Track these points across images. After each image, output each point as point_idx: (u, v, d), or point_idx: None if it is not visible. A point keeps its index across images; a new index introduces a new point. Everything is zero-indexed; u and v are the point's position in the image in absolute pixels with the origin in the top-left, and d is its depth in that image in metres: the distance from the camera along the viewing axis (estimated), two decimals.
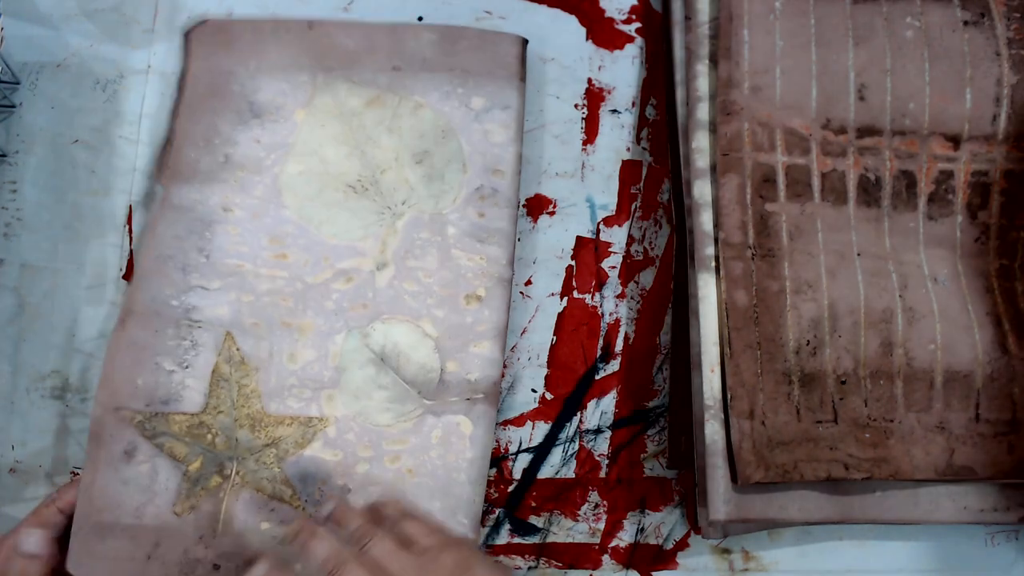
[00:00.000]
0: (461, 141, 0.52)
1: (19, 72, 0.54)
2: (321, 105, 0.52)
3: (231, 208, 0.50)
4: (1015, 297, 0.50)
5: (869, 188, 0.51)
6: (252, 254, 0.50)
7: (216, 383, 0.48)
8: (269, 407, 0.48)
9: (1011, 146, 0.51)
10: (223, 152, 0.51)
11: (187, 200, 0.50)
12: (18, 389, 0.50)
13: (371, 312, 0.50)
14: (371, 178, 0.51)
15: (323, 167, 0.51)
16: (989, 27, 0.52)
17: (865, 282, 0.49)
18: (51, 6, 0.55)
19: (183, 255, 0.49)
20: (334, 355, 0.49)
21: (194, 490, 0.46)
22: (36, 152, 0.53)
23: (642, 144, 0.55)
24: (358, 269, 0.50)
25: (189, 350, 0.48)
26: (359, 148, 0.52)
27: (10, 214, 0.52)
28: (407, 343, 0.49)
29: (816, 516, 0.47)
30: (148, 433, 0.47)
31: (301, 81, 0.52)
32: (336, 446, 0.48)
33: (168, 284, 0.49)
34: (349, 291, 0.50)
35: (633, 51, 0.57)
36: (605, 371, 0.52)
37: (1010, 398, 0.48)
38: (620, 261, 0.53)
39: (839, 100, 0.51)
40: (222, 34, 0.53)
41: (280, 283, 0.49)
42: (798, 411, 0.47)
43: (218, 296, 0.49)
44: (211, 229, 0.50)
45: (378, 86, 0.52)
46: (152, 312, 0.48)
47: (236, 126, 0.51)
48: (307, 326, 0.49)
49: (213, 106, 0.52)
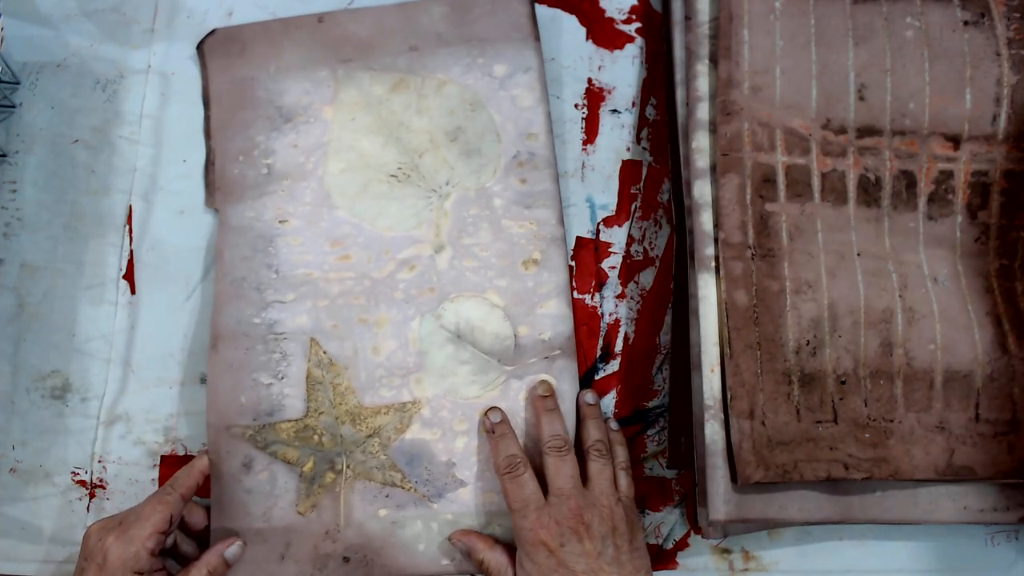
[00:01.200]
0: (491, 111, 0.53)
1: (19, 72, 0.54)
2: (347, 98, 0.53)
3: (287, 219, 0.52)
4: (1015, 297, 0.50)
5: (869, 188, 0.51)
6: (317, 261, 0.51)
7: (312, 387, 0.50)
8: (364, 400, 0.50)
9: (1011, 146, 0.51)
10: (264, 163, 0.52)
11: (244, 219, 0.52)
12: (18, 389, 0.50)
13: (438, 294, 0.51)
14: (411, 164, 0.52)
15: (363, 161, 0.52)
16: (989, 27, 0.52)
17: (865, 282, 0.49)
18: (51, 6, 0.55)
19: (255, 274, 0.51)
20: (413, 341, 0.51)
21: (312, 488, 0.49)
22: (36, 152, 0.53)
23: (642, 144, 0.55)
24: (418, 256, 0.52)
25: (280, 362, 0.50)
26: (393, 135, 0.53)
27: (10, 214, 0.52)
28: (478, 317, 0.51)
29: (816, 516, 0.47)
30: (260, 444, 0.49)
31: (322, 77, 0.53)
32: (433, 425, 0.50)
33: (247, 304, 0.51)
34: (414, 278, 0.51)
35: (633, 51, 0.57)
36: (605, 371, 0.52)
37: (1010, 398, 0.48)
38: (620, 261, 0.53)
39: (839, 100, 0.51)
40: (234, 42, 0.54)
41: (349, 283, 0.51)
42: (798, 411, 0.47)
43: (295, 307, 0.51)
44: (273, 244, 0.52)
45: (399, 69, 0.53)
46: (239, 333, 0.50)
47: (270, 133, 0.53)
48: (383, 319, 0.51)
49: (243, 118, 0.53)
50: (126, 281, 0.51)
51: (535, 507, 0.45)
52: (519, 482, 0.46)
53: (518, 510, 0.45)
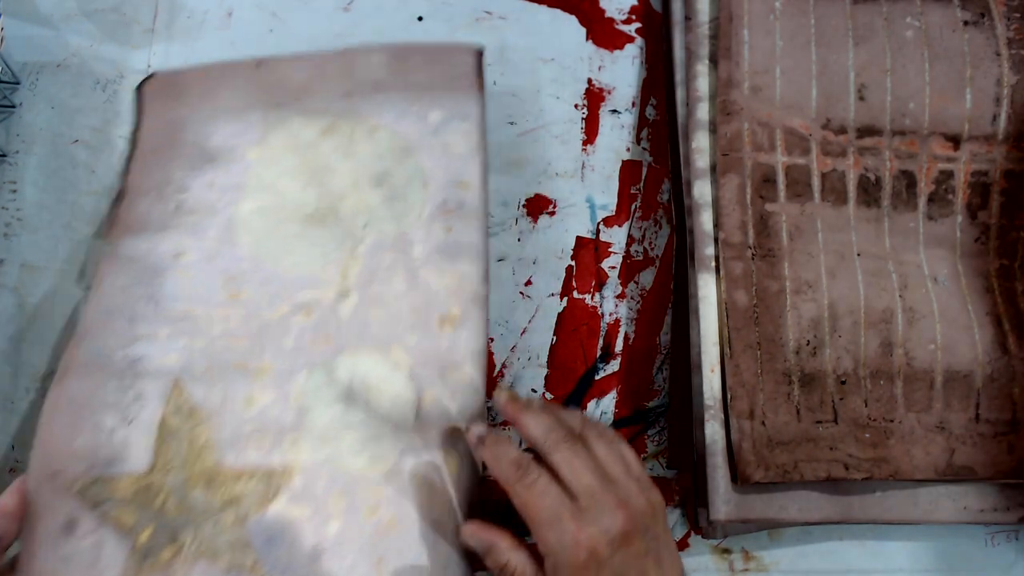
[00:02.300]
0: (421, 157, 0.49)
1: (19, 72, 0.54)
2: (275, 141, 0.50)
3: (183, 253, 0.47)
4: (1015, 297, 0.50)
5: (869, 188, 0.51)
6: (205, 296, 0.46)
7: (164, 437, 0.42)
8: (225, 460, 0.42)
9: (1011, 146, 0.51)
10: (175, 200, 0.48)
11: (136, 251, 0.46)
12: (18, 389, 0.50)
13: (335, 346, 0.45)
14: (329, 206, 0.48)
15: (279, 201, 0.48)
16: (989, 27, 0.52)
17: (865, 282, 0.49)
18: (51, 6, 0.55)
19: (130, 306, 0.45)
20: (296, 396, 0.44)
21: (143, 565, 0.40)
22: (36, 152, 0.53)
23: (642, 144, 0.55)
24: (319, 300, 0.46)
25: (133, 403, 0.43)
26: (316, 177, 0.49)
27: (10, 214, 0.52)
28: (377, 375, 0.44)
29: (816, 516, 0.47)
30: (90, 501, 0.41)
31: (253, 120, 0.50)
32: (304, 500, 0.42)
33: (112, 336, 0.44)
34: (310, 325, 0.45)
35: (633, 51, 0.57)
36: (605, 371, 0.52)
37: (1010, 398, 0.48)
38: (620, 261, 0.53)
39: (839, 100, 0.51)
40: (173, 85, 0.52)
41: (234, 323, 0.45)
42: (798, 411, 0.47)
43: (167, 344, 0.44)
44: (161, 276, 0.46)
45: (331, 114, 0.50)
46: (94, 367, 0.43)
47: (188, 172, 0.49)
48: (265, 367, 0.44)
49: (166, 156, 0.49)
50: None
51: (570, 514, 0.37)
52: (538, 489, 0.38)
53: (548, 521, 0.37)
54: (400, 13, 0.56)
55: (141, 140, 0.51)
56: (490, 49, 0.56)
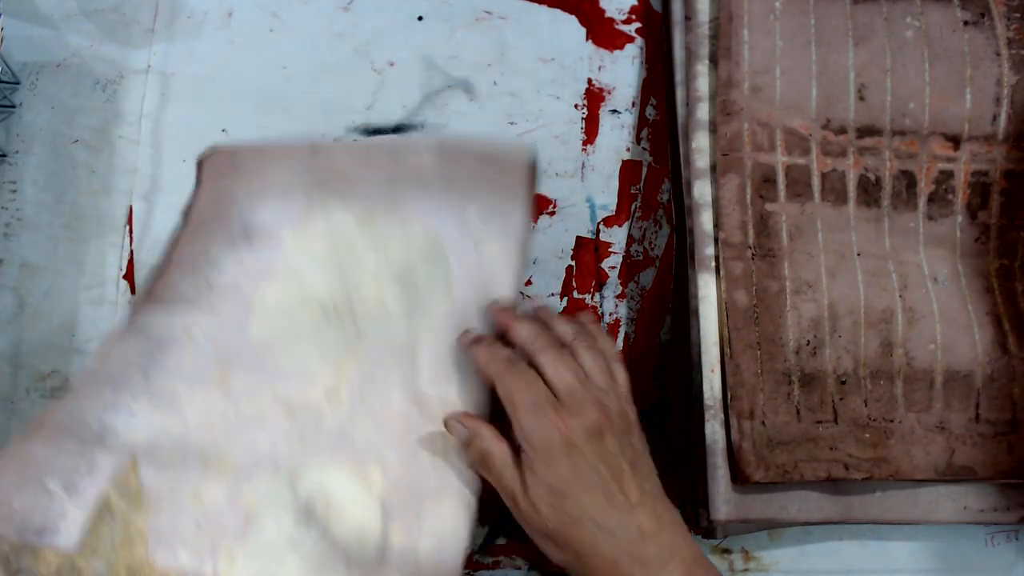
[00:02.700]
0: (451, 262, 0.46)
1: (19, 72, 0.54)
2: (311, 226, 0.47)
3: (194, 328, 0.44)
4: (1015, 297, 0.50)
5: (869, 188, 0.51)
6: (195, 376, 0.43)
7: (100, 517, 0.39)
8: (155, 556, 0.39)
9: (1011, 146, 0.51)
10: (205, 275, 0.46)
11: (151, 322, 0.44)
12: (18, 389, 0.50)
13: (308, 451, 0.41)
14: (345, 299, 0.45)
15: (299, 289, 0.46)
16: (989, 27, 0.52)
17: (865, 282, 0.49)
18: (51, 6, 0.55)
19: (123, 374, 0.42)
20: (248, 499, 0.40)
21: None
22: (36, 152, 0.53)
23: (642, 144, 0.55)
24: (305, 399, 0.43)
25: (81, 473, 0.40)
26: (340, 267, 0.46)
27: (10, 214, 0.52)
28: (343, 494, 0.40)
29: (816, 516, 0.47)
30: (11, 568, 0.38)
31: (295, 201, 0.48)
32: None
33: (93, 401, 0.42)
34: (288, 426, 0.42)
35: (633, 51, 0.57)
36: None
37: (1010, 398, 0.48)
38: (620, 261, 0.53)
39: (839, 100, 0.51)
40: (230, 160, 0.50)
41: (213, 409, 0.42)
42: (798, 411, 0.47)
43: (140, 419, 0.41)
44: (164, 350, 0.43)
45: (370, 202, 0.47)
46: (63, 428, 0.41)
47: (225, 248, 0.46)
48: (226, 461, 0.41)
49: (210, 230, 0.47)
50: (126, 281, 0.51)
51: (550, 405, 0.39)
52: (527, 377, 0.39)
53: (529, 408, 0.38)
54: (400, 13, 0.56)
55: (193, 213, 0.48)
56: (490, 49, 0.56)
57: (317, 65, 0.55)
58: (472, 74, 0.56)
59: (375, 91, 0.55)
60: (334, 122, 0.54)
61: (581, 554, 0.38)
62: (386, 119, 0.55)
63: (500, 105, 0.55)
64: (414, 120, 0.55)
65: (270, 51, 0.55)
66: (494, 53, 0.56)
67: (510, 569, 0.49)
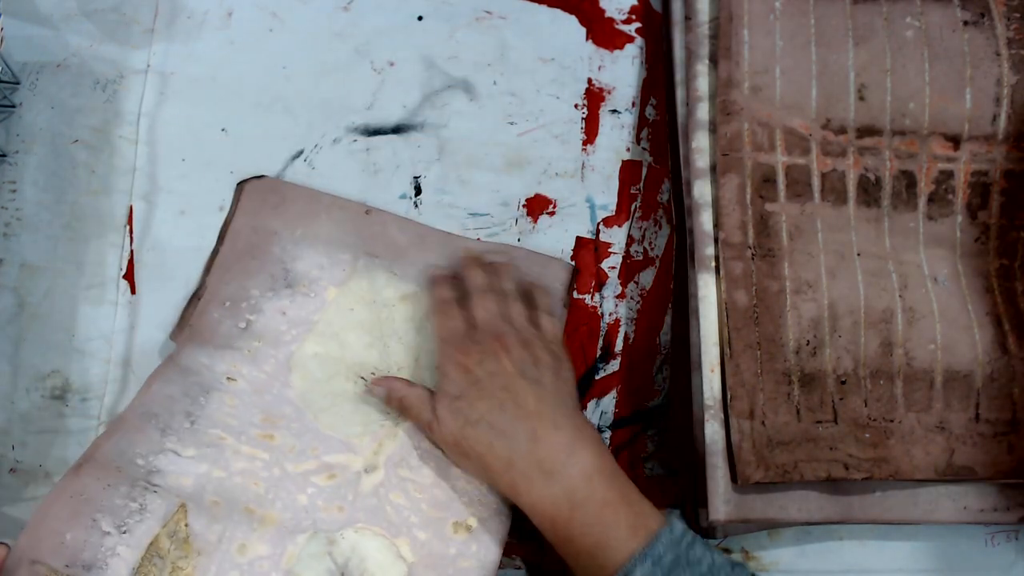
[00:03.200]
0: None
1: (19, 72, 0.54)
2: (356, 288, 0.50)
3: (236, 378, 0.47)
4: (1015, 297, 0.50)
5: (869, 188, 0.51)
6: (239, 429, 0.46)
7: (149, 559, 0.41)
8: None
9: (1011, 146, 0.51)
10: (245, 318, 0.48)
11: (195, 363, 0.47)
12: (18, 389, 0.50)
13: (346, 516, 0.44)
14: (386, 373, 0.48)
15: (340, 352, 0.48)
16: (989, 27, 0.52)
17: (865, 282, 0.49)
18: (51, 6, 0.55)
19: (169, 416, 0.45)
20: (290, 556, 0.43)
21: None
22: (36, 152, 0.53)
23: (642, 144, 0.55)
24: (345, 467, 0.45)
25: (134, 513, 0.42)
26: (382, 340, 0.49)
27: (10, 214, 0.52)
28: (376, 563, 0.43)
29: (816, 516, 0.47)
30: None
31: (342, 259, 0.50)
32: None
33: (142, 441, 0.44)
34: (328, 488, 0.45)
35: (633, 51, 0.57)
36: (605, 371, 0.52)
37: (1010, 398, 0.48)
38: (620, 261, 0.53)
39: (839, 100, 0.51)
40: (276, 194, 0.51)
41: (258, 464, 0.45)
42: (798, 411, 0.47)
43: (188, 465, 0.44)
44: (208, 395, 0.46)
45: (418, 283, 0.50)
46: (113, 466, 0.43)
47: (266, 292, 0.49)
48: (271, 517, 0.44)
49: (248, 267, 0.49)
50: (126, 281, 0.51)
51: (461, 336, 0.45)
52: (451, 314, 0.46)
53: (445, 339, 0.45)
54: (400, 12, 0.56)
55: (229, 237, 0.50)
56: (490, 49, 0.56)
57: (317, 65, 0.55)
58: (472, 74, 0.56)
59: (375, 91, 0.55)
60: (334, 122, 0.54)
61: (480, 455, 0.43)
62: (386, 119, 0.55)
63: (500, 105, 0.55)
64: (414, 120, 0.55)
65: (270, 51, 0.55)
66: (494, 53, 0.56)
67: (510, 569, 0.49)
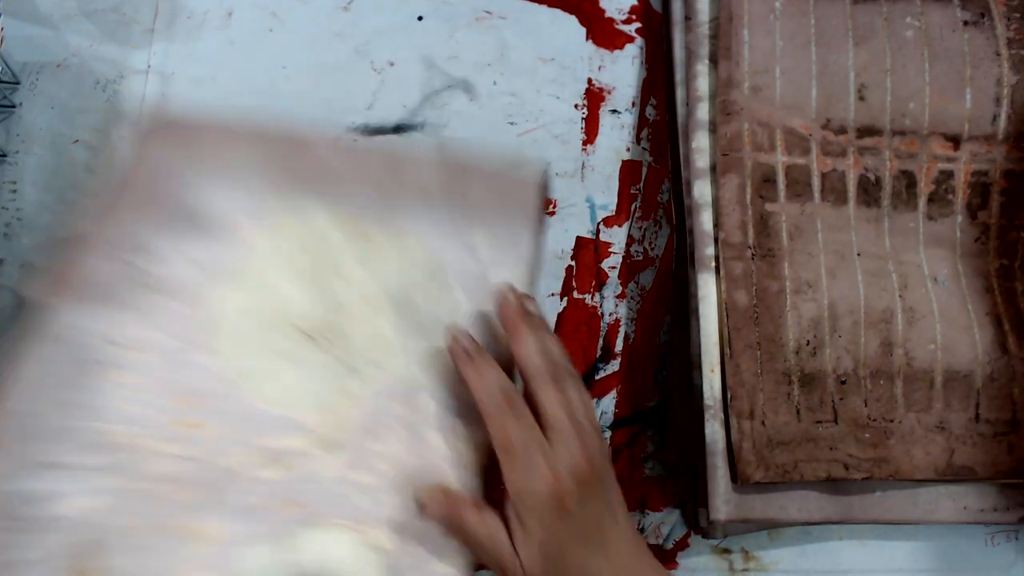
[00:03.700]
0: (456, 291, 0.41)
1: (19, 72, 0.54)
2: (287, 230, 0.40)
3: (135, 347, 0.36)
4: (1015, 297, 0.50)
5: (869, 188, 0.51)
6: (151, 418, 0.35)
7: None
8: None
9: (1011, 146, 0.51)
10: (145, 270, 0.37)
11: (72, 328, 0.35)
12: None
13: (307, 514, 0.35)
14: (334, 325, 0.39)
15: (275, 304, 0.39)
16: (989, 27, 0.52)
17: (865, 282, 0.49)
18: (51, 6, 0.55)
19: (55, 411, 0.34)
20: None
21: None
22: (36, 152, 0.53)
23: (642, 144, 0.55)
24: (301, 452, 0.36)
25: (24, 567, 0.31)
26: (323, 284, 0.39)
27: (10, 214, 0.52)
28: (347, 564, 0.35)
29: (816, 516, 0.47)
30: None
31: (267, 197, 0.40)
32: None
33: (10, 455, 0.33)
34: (282, 482, 0.35)
35: (633, 51, 0.57)
36: (605, 371, 0.52)
37: (1010, 398, 0.48)
38: (620, 261, 0.53)
39: (839, 100, 0.51)
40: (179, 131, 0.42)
41: (187, 466, 0.34)
42: (798, 411, 0.47)
43: (92, 479, 0.33)
44: (99, 376, 0.35)
45: (361, 213, 0.41)
46: None
47: (169, 237, 0.39)
48: (208, 532, 0.34)
49: (146, 204, 0.40)
50: None
51: (543, 453, 0.35)
52: (524, 422, 0.36)
53: (521, 456, 0.35)
54: (400, 12, 0.56)
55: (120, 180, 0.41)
56: (490, 49, 0.56)
57: (317, 65, 0.55)
58: (472, 74, 0.56)
59: (375, 91, 0.55)
60: (334, 122, 0.54)
61: None
62: (386, 119, 0.55)
63: (500, 105, 0.55)
64: (414, 120, 0.55)
65: (270, 51, 0.55)
66: (494, 53, 0.56)
67: None
